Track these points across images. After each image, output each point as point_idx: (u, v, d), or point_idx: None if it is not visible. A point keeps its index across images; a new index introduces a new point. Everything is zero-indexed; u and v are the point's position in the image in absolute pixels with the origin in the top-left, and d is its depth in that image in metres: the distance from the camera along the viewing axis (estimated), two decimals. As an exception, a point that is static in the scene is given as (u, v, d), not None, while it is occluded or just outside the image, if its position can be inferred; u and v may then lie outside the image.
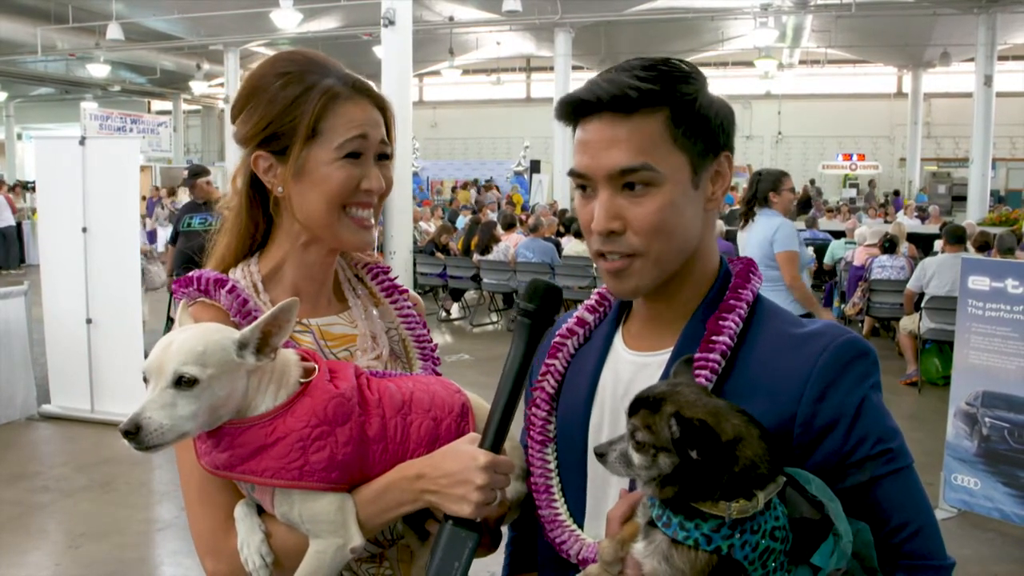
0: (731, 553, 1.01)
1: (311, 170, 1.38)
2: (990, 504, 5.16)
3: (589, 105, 1.21)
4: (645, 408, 1.06)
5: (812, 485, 1.09)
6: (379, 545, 1.43)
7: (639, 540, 1.08)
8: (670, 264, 1.25)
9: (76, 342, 7.12)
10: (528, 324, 1.26)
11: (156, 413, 1.16)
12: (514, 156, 28.30)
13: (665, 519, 1.05)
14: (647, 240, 1.21)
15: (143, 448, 1.16)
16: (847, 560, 1.06)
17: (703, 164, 1.23)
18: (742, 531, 1.01)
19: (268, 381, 1.25)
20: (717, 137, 1.24)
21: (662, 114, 1.19)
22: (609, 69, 1.24)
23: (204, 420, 1.20)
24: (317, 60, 1.43)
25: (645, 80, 1.18)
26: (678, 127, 1.20)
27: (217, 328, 1.25)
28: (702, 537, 1.02)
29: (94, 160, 6.98)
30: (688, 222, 1.24)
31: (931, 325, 8.25)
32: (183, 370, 1.17)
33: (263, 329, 1.23)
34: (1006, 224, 14.68)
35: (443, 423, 1.34)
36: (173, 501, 5.46)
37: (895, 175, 29.49)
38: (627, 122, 1.19)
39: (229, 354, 1.21)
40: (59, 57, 25.11)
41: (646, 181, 1.19)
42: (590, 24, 21.99)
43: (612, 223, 1.21)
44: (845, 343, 1.18)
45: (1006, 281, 5.10)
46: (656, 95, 1.18)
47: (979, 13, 18.88)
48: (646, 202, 1.20)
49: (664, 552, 1.04)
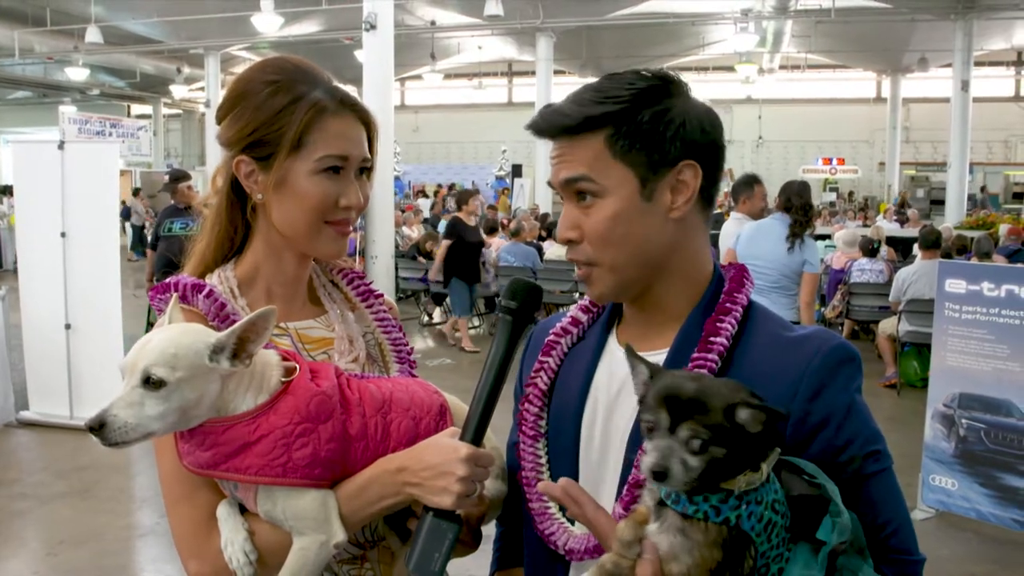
0: (739, 524, 1.04)
1: (291, 181, 1.39)
2: (967, 504, 5.21)
3: (541, 132, 1.32)
4: (695, 411, 1.05)
5: (808, 468, 1.13)
6: (360, 547, 1.43)
7: (652, 522, 1.09)
8: (628, 272, 1.30)
9: (55, 347, 7.06)
10: (510, 321, 1.29)
11: (123, 411, 1.17)
12: (496, 160, 28.33)
13: (674, 496, 1.07)
14: (598, 249, 1.29)
15: (108, 444, 1.17)
16: (850, 533, 1.10)
17: (653, 176, 1.26)
18: (747, 502, 1.04)
19: (248, 383, 1.26)
20: (670, 148, 1.25)
21: (604, 133, 1.26)
22: (570, 95, 1.31)
23: (173, 421, 1.21)
24: (306, 69, 1.44)
25: (586, 105, 1.26)
26: (618, 142, 1.25)
27: (195, 330, 1.26)
28: (711, 509, 1.04)
29: (73, 164, 6.92)
30: (642, 233, 1.28)
31: (909, 328, 8.33)
32: (151, 371, 1.18)
33: (240, 335, 1.23)
34: (983, 227, 14.83)
35: (422, 422, 1.36)
36: (153, 507, 5.42)
37: (874, 179, 29.72)
38: (573, 142, 1.28)
39: (201, 358, 1.21)
40: (37, 60, 24.91)
41: (591, 192, 1.27)
42: (572, 29, 22.04)
43: (570, 232, 1.31)
44: (836, 347, 1.24)
45: (982, 284, 5.15)
46: (593, 120, 1.26)
47: (956, 19, 19.07)
48: (593, 212, 1.28)
49: (677, 525, 1.06)
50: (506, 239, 12.31)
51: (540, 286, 1.34)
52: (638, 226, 1.27)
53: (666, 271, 1.31)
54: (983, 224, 15.83)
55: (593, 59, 24.45)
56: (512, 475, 1.46)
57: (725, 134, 1.35)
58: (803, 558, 1.08)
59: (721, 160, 1.31)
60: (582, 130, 1.26)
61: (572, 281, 10.53)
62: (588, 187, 1.27)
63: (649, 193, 1.27)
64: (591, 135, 1.26)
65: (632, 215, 1.27)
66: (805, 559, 1.08)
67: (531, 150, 24.25)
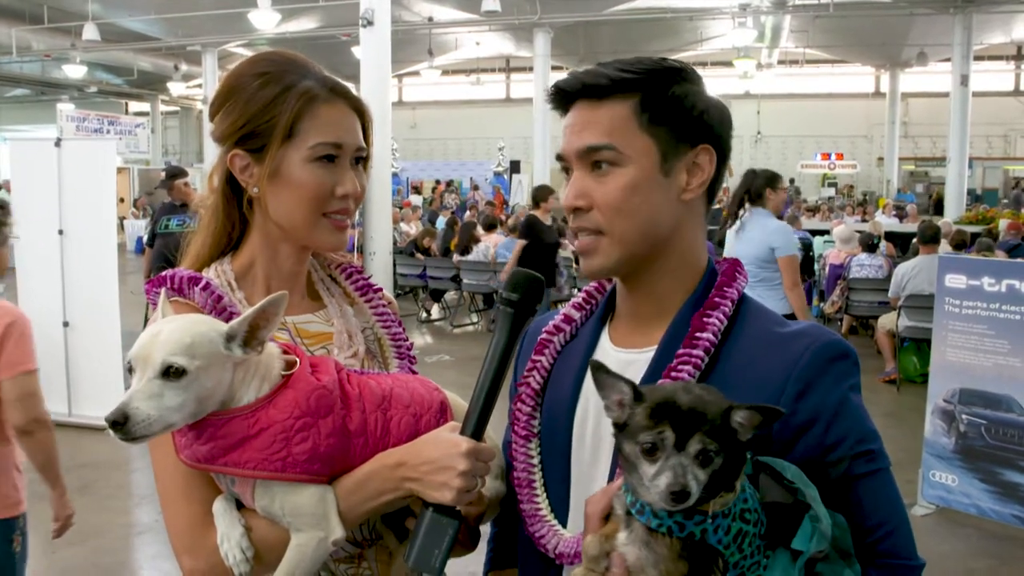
0: (704, 538, 1.02)
1: (286, 171, 1.38)
2: (968, 500, 5.21)
3: (568, 93, 1.30)
4: (699, 424, 1.02)
5: (788, 472, 1.10)
6: (358, 545, 1.42)
7: (621, 531, 1.08)
8: (635, 246, 1.28)
9: (53, 345, 7.03)
10: (511, 314, 1.27)
11: (143, 403, 1.15)
12: (494, 156, 28.31)
13: (639, 506, 1.05)
14: (609, 218, 1.27)
15: (129, 439, 1.15)
16: (828, 542, 1.07)
17: (674, 151, 1.27)
18: (713, 516, 1.02)
19: (252, 374, 1.25)
20: (692, 127, 1.27)
21: (632, 100, 1.25)
22: (599, 64, 1.30)
23: (191, 411, 1.19)
24: (296, 61, 1.43)
25: (620, 70, 1.26)
26: (645, 112, 1.25)
27: (205, 320, 1.25)
28: (675, 525, 1.02)
29: (70, 162, 6.92)
30: (655, 207, 1.27)
31: (909, 323, 8.32)
32: (171, 360, 1.16)
33: (251, 322, 1.23)
34: (983, 223, 14.81)
35: (422, 419, 1.34)
36: (152, 504, 5.41)
37: (873, 174, 29.73)
38: (599, 107, 1.27)
39: (217, 346, 1.20)
40: (34, 58, 24.87)
41: (610, 160, 1.26)
42: (569, 24, 22.04)
43: (578, 200, 1.28)
44: (827, 343, 1.21)
45: (982, 279, 5.14)
46: (627, 83, 1.25)
47: (955, 13, 19.05)
48: (609, 181, 1.26)
49: (643, 539, 1.05)
50: (504, 235, 12.31)
51: (541, 278, 1.31)
52: (651, 200, 1.27)
53: (664, 254, 1.30)
54: (982, 219, 15.81)
55: (591, 54, 24.39)
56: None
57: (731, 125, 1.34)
58: (781, 565, 1.06)
59: (728, 156, 1.32)
60: (612, 92, 1.25)
61: (571, 277, 10.51)
62: (609, 156, 1.25)
63: (668, 169, 1.27)
64: (618, 101, 1.25)
65: (649, 188, 1.26)
66: (784, 567, 1.06)
67: (529, 145, 24.21)
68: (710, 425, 1.01)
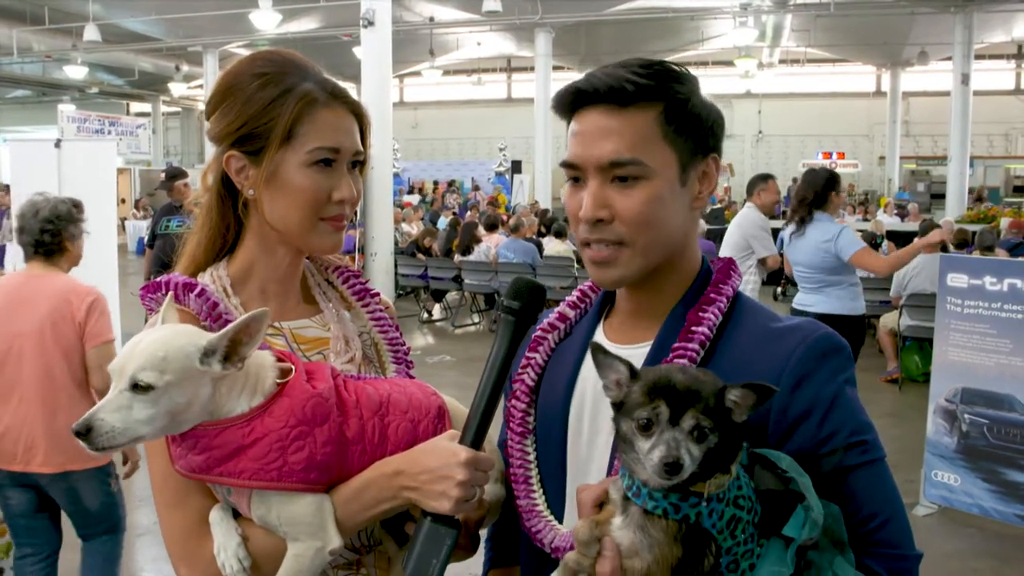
0: (699, 521, 1.03)
1: (283, 175, 1.37)
2: (970, 500, 5.20)
3: (587, 96, 1.26)
4: (693, 401, 1.04)
5: (783, 462, 1.11)
6: (356, 552, 1.41)
7: (617, 516, 1.09)
8: (655, 256, 1.28)
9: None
10: (512, 322, 1.26)
11: (110, 415, 1.15)
12: (495, 156, 28.29)
13: (635, 489, 1.06)
14: (633, 230, 1.25)
15: (95, 449, 1.15)
16: (819, 530, 1.08)
17: (691, 163, 1.27)
18: (708, 499, 1.03)
19: (242, 385, 1.23)
20: (707, 138, 1.28)
21: (655, 109, 1.24)
22: (606, 66, 1.28)
23: (162, 425, 1.18)
24: (295, 61, 1.42)
25: (642, 76, 1.23)
26: (670, 124, 1.24)
27: (185, 332, 1.23)
28: (670, 506, 1.04)
29: (70, 163, 6.91)
30: (673, 217, 1.28)
31: (911, 322, 8.30)
32: (139, 376, 1.16)
33: (232, 337, 1.20)
34: (984, 221, 14.80)
35: (420, 425, 1.33)
36: (151, 507, 5.32)
37: (874, 173, 29.68)
38: (621, 114, 1.24)
39: (191, 361, 1.18)
40: (35, 59, 24.88)
41: (636, 175, 1.24)
42: (570, 24, 22.00)
43: (600, 211, 1.25)
44: (821, 337, 1.22)
45: (984, 278, 5.13)
46: (651, 90, 1.23)
47: (956, 12, 19.00)
48: (634, 193, 1.24)
49: (639, 522, 1.06)
50: (505, 235, 12.30)
51: (543, 286, 1.30)
52: (670, 211, 1.27)
53: (671, 259, 1.31)
54: (984, 218, 15.79)
55: (592, 54, 24.38)
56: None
57: (725, 129, 1.35)
58: (775, 554, 1.07)
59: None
60: (637, 100, 1.23)
61: (572, 277, 10.50)
62: (635, 171, 1.23)
63: (685, 179, 1.27)
64: (642, 109, 1.24)
65: (669, 199, 1.26)
66: (777, 555, 1.07)
67: (530, 145, 24.20)
68: (704, 403, 1.04)
